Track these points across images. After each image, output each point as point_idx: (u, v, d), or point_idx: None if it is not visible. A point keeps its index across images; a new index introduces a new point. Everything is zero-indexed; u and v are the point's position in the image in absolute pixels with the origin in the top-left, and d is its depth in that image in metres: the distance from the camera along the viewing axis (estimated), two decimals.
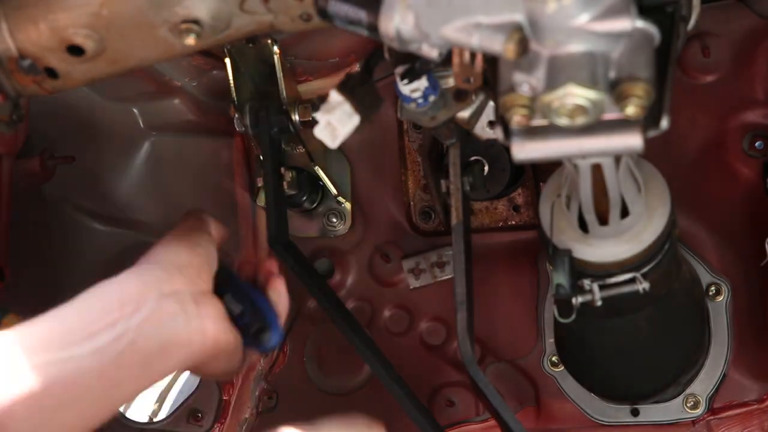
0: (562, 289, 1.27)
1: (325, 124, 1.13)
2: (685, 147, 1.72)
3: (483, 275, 1.75)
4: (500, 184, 1.74)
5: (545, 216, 1.33)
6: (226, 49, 1.54)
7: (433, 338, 1.85)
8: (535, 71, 0.96)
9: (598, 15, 0.94)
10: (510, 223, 1.81)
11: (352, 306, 1.86)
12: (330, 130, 1.12)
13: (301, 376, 1.87)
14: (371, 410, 1.86)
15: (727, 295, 1.71)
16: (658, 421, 1.73)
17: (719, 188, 1.73)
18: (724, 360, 1.71)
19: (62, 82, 1.23)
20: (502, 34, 0.95)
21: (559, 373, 1.76)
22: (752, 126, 1.70)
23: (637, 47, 0.95)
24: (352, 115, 1.12)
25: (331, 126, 1.12)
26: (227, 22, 1.16)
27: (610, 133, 0.99)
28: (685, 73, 1.70)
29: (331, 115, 1.12)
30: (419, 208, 1.83)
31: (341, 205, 1.82)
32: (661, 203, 1.32)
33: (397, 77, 1.16)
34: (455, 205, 1.48)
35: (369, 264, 1.86)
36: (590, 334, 1.51)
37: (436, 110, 1.21)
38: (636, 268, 1.32)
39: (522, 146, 1.01)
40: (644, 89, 0.93)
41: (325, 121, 1.12)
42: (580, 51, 0.94)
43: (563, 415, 1.79)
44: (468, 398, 1.82)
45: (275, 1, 1.14)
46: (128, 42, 1.17)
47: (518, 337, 1.81)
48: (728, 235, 1.73)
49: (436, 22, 0.98)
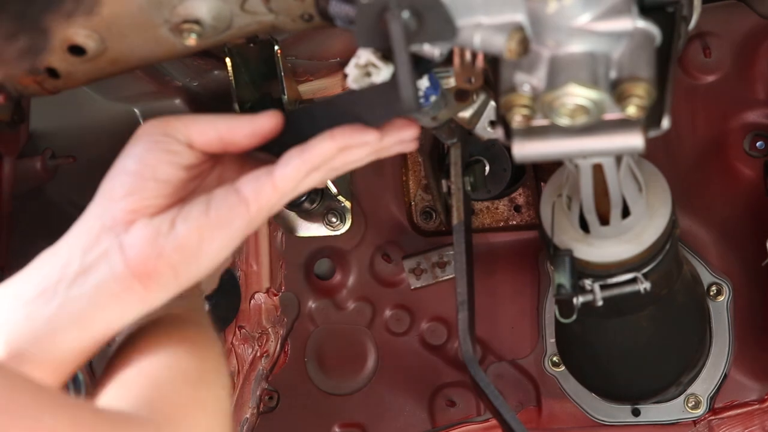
0: (563, 289, 1.27)
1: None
2: (686, 147, 1.72)
3: (484, 275, 1.75)
4: (501, 184, 1.74)
5: (546, 216, 1.33)
6: (227, 49, 1.54)
7: (434, 338, 1.85)
8: (536, 71, 0.96)
9: (599, 15, 0.94)
10: (511, 223, 1.81)
11: (353, 306, 1.86)
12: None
13: (302, 376, 1.87)
14: (371, 410, 1.87)
15: (728, 295, 1.71)
16: (659, 421, 1.73)
17: (720, 188, 1.73)
18: (725, 360, 1.71)
19: (63, 81, 1.23)
20: (503, 34, 0.94)
21: (560, 373, 1.76)
22: (753, 126, 1.70)
23: (638, 47, 0.95)
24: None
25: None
26: (228, 22, 1.15)
27: (611, 133, 0.99)
28: (686, 73, 1.70)
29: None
30: (420, 208, 1.83)
31: (341, 204, 1.82)
32: (662, 203, 1.32)
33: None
34: (456, 204, 1.48)
35: (370, 264, 1.86)
36: (591, 334, 1.51)
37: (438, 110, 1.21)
38: (637, 268, 1.32)
39: (523, 146, 1.01)
40: (645, 89, 0.93)
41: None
42: (581, 51, 0.94)
43: (564, 415, 1.79)
44: (469, 398, 1.82)
45: (276, 1, 1.14)
46: (129, 42, 1.17)
47: (519, 337, 1.81)
48: (729, 235, 1.73)
49: None
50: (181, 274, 0.96)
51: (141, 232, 0.96)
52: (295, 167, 0.99)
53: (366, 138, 1.01)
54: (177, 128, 1.01)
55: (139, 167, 0.99)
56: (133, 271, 0.95)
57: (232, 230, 0.98)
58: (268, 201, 0.98)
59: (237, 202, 0.97)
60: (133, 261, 0.95)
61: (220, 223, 0.97)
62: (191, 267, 0.97)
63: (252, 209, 0.98)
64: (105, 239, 0.96)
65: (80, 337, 0.95)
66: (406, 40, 0.94)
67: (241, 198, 0.97)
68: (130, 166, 0.99)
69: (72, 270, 0.96)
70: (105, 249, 0.96)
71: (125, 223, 0.96)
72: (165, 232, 0.96)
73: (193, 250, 0.96)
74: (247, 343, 1.86)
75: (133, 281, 0.95)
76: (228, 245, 0.99)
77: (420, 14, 0.94)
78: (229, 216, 0.97)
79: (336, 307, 1.86)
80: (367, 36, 0.98)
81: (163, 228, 0.96)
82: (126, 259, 0.95)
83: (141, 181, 0.98)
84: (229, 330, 1.85)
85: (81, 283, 0.95)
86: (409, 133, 1.05)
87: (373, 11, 0.95)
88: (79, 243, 0.97)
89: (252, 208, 0.97)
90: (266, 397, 1.87)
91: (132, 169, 0.99)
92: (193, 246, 0.96)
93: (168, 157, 1.00)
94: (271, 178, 0.98)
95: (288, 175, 0.98)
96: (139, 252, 0.95)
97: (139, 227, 0.96)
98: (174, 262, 0.96)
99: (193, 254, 0.96)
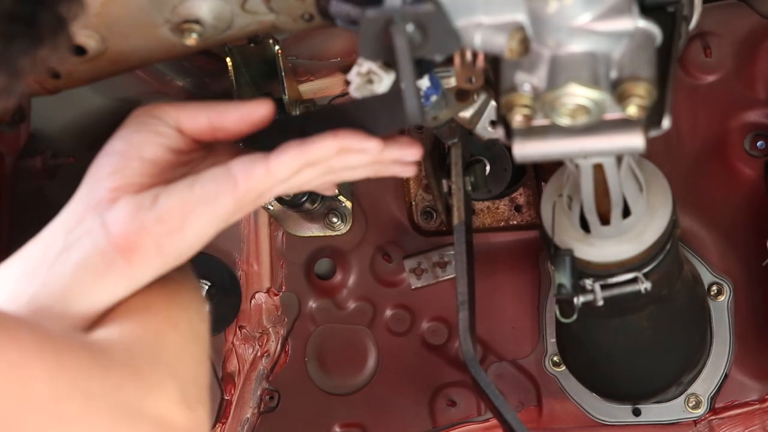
0: (563, 289, 1.27)
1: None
2: (686, 147, 1.72)
3: (484, 275, 1.75)
4: (502, 184, 1.74)
5: (547, 216, 1.33)
6: (228, 49, 1.54)
7: (434, 338, 1.85)
8: (537, 71, 0.96)
9: (599, 15, 0.94)
10: (511, 222, 1.81)
11: (353, 306, 1.86)
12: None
13: (303, 376, 1.87)
14: (372, 410, 1.87)
15: (728, 294, 1.71)
16: (659, 420, 1.73)
17: (721, 188, 1.72)
18: (725, 360, 1.71)
19: (64, 81, 1.23)
20: (504, 34, 0.94)
21: (561, 372, 1.76)
22: (754, 126, 1.70)
23: (638, 47, 0.95)
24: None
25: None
26: (229, 21, 1.15)
27: (611, 132, 0.99)
28: (686, 73, 1.70)
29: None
30: (421, 208, 1.83)
31: (342, 204, 1.82)
32: (663, 203, 1.32)
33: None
34: (457, 204, 1.48)
35: (370, 264, 1.85)
36: (592, 334, 1.51)
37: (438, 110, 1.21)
38: (638, 267, 1.32)
39: (523, 146, 1.01)
40: (646, 89, 0.93)
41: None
42: (581, 51, 0.94)
43: (565, 415, 1.79)
44: (469, 398, 1.82)
45: (277, 1, 1.14)
46: (130, 42, 1.17)
47: (520, 336, 1.81)
48: (730, 235, 1.73)
49: None
50: (164, 248, 0.95)
51: (124, 208, 0.95)
52: (291, 156, 0.98)
53: (367, 145, 1.01)
54: (167, 111, 1.01)
55: (125, 147, 0.99)
56: (115, 245, 0.94)
57: (217, 206, 0.96)
58: (258, 183, 0.97)
59: (225, 178, 0.96)
60: (115, 235, 0.94)
61: (206, 198, 0.96)
62: (174, 241, 0.96)
63: (240, 187, 0.96)
64: (89, 218, 0.96)
65: (64, 314, 0.94)
66: (410, 53, 0.94)
67: (230, 175, 0.96)
68: (117, 147, 0.99)
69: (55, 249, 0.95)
70: (88, 227, 0.95)
71: (108, 201, 0.96)
72: (147, 206, 0.95)
73: (176, 224, 0.95)
74: (247, 343, 1.86)
75: (116, 256, 0.94)
76: (214, 222, 0.97)
77: (424, 27, 0.94)
78: (216, 191, 0.96)
79: (336, 307, 1.86)
80: (371, 49, 0.98)
81: (146, 202, 0.95)
82: (108, 234, 0.94)
83: (126, 160, 0.98)
84: (230, 330, 1.85)
85: (63, 261, 0.95)
86: (411, 152, 1.05)
87: (378, 24, 0.95)
88: (64, 225, 0.97)
89: (240, 186, 0.96)
90: (267, 396, 1.87)
91: (118, 149, 0.99)
92: (176, 220, 0.95)
93: (155, 138, 0.99)
94: (266, 161, 0.97)
95: (283, 162, 0.98)
96: (121, 226, 0.94)
97: (122, 203, 0.95)
98: (156, 235, 0.95)
99: (176, 228, 0.95)
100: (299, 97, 1.67)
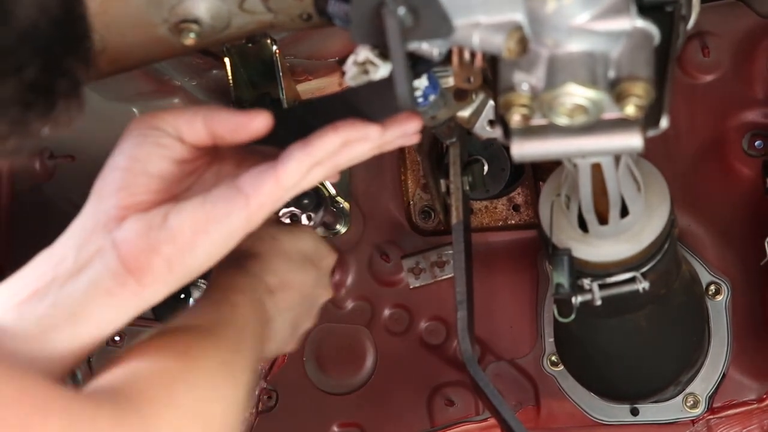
0: (561, 289, 1.27)
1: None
2: (684, 146, 1.72)
3: (483, 274, 1.75)
4: (500, 184, 1.74)
5: (545, 215, 1.33)
6: (226, 49, 1.54)
7: (432, 337, 1.85)
8: (535, 70, 0.96)
9: (597, 14, 0.94)
10: (510, 222, 1.81)
11: (352, 306, 1.86)
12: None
13: (301, 376, 1.87)
14: (370, 409, 1.87)
15: (726, 294, 1.71)
16: (657, 420, 1.74)
17: (719, 187, 1.73)
18: (723, 359, 1.71)
19: None
20: (502, 33, 0.94)
21: (559, 372, 1.76)
22: (752, 125, 1.70)
23: (636, 46, 0.95)
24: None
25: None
26: (227, 21, 1.15)
27: (609, 132, 0.99)
28: (684, 73, 1.70)
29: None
30: (419, 208, 1.84)
31: (340, 205, 1.82)
32: (661, 202, 1.32)
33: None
34: (455, 204, 1.48)
35: (369, 263, 1.85)
36: (590, 333, 1.51)
37: (437, 109, 1.21)
38: (636, 267, 1.32)
39: (521, 145, 1.01)
40: (644, 88, 0.93)
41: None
42: (579, 50, 0.94)
43: (563, 415, 1.79)
44: (468, 397, 1.82)
45: (275, 1, 1.14)
46: (128, 41, 1.17)
47: (518, 336, 1.81)
48: (728, 235, 1.73)
49: None
50: (175, 267, 0.95)
51: (133, 227, 0.95)
52: (298, 160, 0.97)
53: (368, 133, 1.00)
54: (166, 121, 0.99)
55: (129, 162, 0.98)
56: (126, 266, 0.94)
57: (228, 224, 0.96)
58: (269, 196, 0.96)
59: (235, 195, 0.96)
60: (125, 256, 0.94)
61: (216, 217, 0.95)
62: (186, 260, 0.95)
63: (252, 204, 0.96)
64: (98, 236, 0.95)
65: (74, 335, 0.94)
66: (401, 36, 0.94)
67: (240, 192, 0.95)
68: (121, 162, 0.98)
69: (65, 268, 0.95)
70: (98, 246, 0.95)
71: (117, 219, 0.95)
72: (157, 225, 0.94)
73: (187, 243, 0.94)
74: None
75: (127, 276, 0.94)
76: (226, 240, 0.97)
77: (416, 10, 0.94)
78: (226, 209, 0.95)
79: (335, 307, 1.86)
80: (362, 32, 0.98)
81: (156, 221, 0.95)
82: (119, 255, 0.94)
83: (131, 176, 0.97)
84: None
85: (74, 281, 0.94)
86: (411, 126, 1.04)
87: (369, 7, 0.95)
88: (73, 242, 0.96)
89: (252, 203, 0.96)
90: (265, 396, 1.87)
91: (122, 165, 0.98)
92: (187, 239, 0.94)
93: (158, 151, 0.99)
94: (274, 173, 0.96)
95: (291, 170, 0.97)
96: (132, 247, 0.94)
97: (131, 222, 0.95)
98: (167, 255, 0.94)
99: (187, 247, 0.95)
100: (297, 97, 1.67)
